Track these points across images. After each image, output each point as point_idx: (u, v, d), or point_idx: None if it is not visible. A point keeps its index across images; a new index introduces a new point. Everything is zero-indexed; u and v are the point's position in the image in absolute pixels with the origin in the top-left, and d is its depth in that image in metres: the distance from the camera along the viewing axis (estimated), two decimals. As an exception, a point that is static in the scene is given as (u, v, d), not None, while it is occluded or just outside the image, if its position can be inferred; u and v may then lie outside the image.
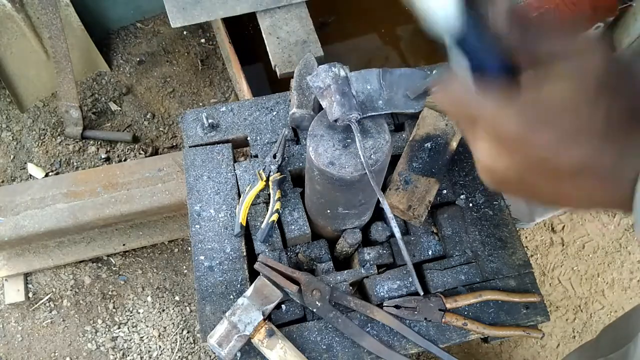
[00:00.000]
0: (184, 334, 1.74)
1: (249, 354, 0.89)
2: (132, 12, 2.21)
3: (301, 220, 0.98)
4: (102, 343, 1.71)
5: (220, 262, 0.96)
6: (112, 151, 2.00)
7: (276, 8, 1.51)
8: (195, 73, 2.17)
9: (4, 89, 1.97)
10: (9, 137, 2.01)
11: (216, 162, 1.05)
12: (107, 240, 1.74)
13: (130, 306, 1.77)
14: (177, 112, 2.09)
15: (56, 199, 1.54)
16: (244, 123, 1.09)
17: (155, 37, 2.24)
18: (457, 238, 1.00)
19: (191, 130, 1.09)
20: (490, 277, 0.97)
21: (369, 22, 2.06)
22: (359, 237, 0.95)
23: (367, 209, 0.93)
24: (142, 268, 1.82)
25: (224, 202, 1.01)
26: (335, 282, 0.94)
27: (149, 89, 2.14)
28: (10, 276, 1.73)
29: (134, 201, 1.55)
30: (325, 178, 0.77)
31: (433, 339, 0.91)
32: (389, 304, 0.92)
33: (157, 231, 1.77)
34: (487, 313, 0.94)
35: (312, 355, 0.89)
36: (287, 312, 0.92)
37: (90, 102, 2.08)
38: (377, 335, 0.91)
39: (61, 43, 1.81)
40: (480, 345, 1.75)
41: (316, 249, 1.00)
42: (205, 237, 0.98)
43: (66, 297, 1.76)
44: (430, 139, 1.03)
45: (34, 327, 1.73)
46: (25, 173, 1.95)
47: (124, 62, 2.18)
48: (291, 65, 1.42)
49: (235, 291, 0.93)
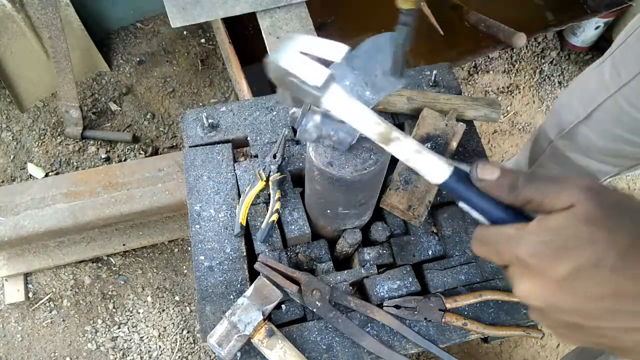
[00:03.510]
0: (184, 334, 1.74)
1: (249, 354, 0.89)
2: (132, 12, 2.21)
3: (301, 220, 0.98)
4: (102, 343, 1.71)
5: (220, 262, 0.96)
6: (112, 151, 2.00)
7: (276, 8, 1.51)
8: (195, 73, 2.17)
9: (4, 89, 1.97)
10: (9, 137, 2.01)
11: (216, 162, 1.05)
12: (107, 240, 1.74)
13: (130, 306, 1.77)
14: (177, 112, 2.09)
15: (56, 199, 1.54)
16: (244, 123, 1.09)
17: (155, 37, 2.24)
18: (457, 238, 1.00)
19: (191, 130, 1.09)
20: (490, 277, 0.97)
21: (369, 22, 2.06)
22: (359, 237, 0.95)
23: (367, 209, 0.93)
24: (142, 268, 1.82)
25: (224, 202, 1.01)
26: (335, 282, 0.94)
27: (149, 89, 2.14)
28: (10, 276, 1.73)
29: (134, 201, 1.55)
30: (325, 178, 0.77)
31: (433, 339, 0.91)
32: (389, 304, 0.92)
33: (157, 231, 1.77)
34: (487, 313, 0.94)
35: (312, 355, 0.89)
36: (287, 312, 0.92)
37: (90, 102, 2.08)
38: (377, 335, 0.91)
39: (61, 43, 1.81)
40: (480, 345, 1.75)
41: (316, 249, 1.00)
42: (205, 237, 0.98)
43: (66, 297, 1.76)
44: (430, 139, 1.03)
45: (34, 327, 1.73)
46: (25, 173, 1.95)
47: (124, 62, 2.18)
48: (291, 65, 1.42)
49: (235, 291, 0.93)
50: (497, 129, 2.15)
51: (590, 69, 1.20)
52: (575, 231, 0.41)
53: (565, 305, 0.42)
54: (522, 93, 2.22)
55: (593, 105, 1.14)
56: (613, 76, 1.07)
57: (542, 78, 2.25)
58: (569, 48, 2.28)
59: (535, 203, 0.45)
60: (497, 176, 0.46)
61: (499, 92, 2.21)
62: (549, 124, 1.33)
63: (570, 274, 0.41)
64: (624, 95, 1.05)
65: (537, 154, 1.40)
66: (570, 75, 2.26)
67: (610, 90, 1.08)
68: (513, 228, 0.45)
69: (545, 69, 2.26)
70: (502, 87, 2.22)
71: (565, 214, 0.42)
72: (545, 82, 2.25)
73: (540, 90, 2.23)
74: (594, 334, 0.43)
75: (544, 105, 2.21)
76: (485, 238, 0.47)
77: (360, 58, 0.72)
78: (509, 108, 2.19)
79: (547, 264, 0.42)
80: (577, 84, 1.24)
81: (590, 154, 1.23)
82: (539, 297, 0.43)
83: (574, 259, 0.41)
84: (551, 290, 0.42)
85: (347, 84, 0.71)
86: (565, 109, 1.25)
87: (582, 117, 1.17)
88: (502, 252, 0.45)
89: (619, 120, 1.10)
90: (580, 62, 2.28)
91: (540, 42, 2.30)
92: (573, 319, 0.43)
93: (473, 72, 2.24)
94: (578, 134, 1.22)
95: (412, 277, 0.95)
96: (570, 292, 0.42)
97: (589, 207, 0.41)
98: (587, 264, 0.40)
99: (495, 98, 2.16)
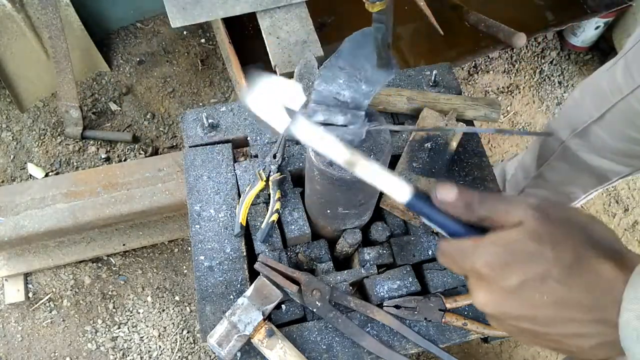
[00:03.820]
0: (184, 334, 1.74)
1: (249, 354, 0.89)
2: (132, 12, 2.21)
3: (301, 220, 0.98)
4: (102, 343, 1.71)
5: (220, 262, 0.96)
6: (112, 151, 2.00)
7: (276, 8, 1.51)
8: (195, 73, 2.17)
9: (4, 89, 1.97)
10: (9, 137, 2.01)
11: (216, 162, 1.05)
12: (107, 240, 1.74)
13: (130, 306, 1.77)
14: (177, 112, 2.09)
15: (56, 199, 1.54)
16: (244, 123, 1.09)
17: (155, 37, 2.24)
18: (457, 238, 0.99)
19: (191, 130, 1.09)
20: (490, 277, 0.97)
21: (369, 22, 2.05)
22: (359, 237, 0.95)
23: (367, 209, 0.93)
24: (142, 268, 1.82)
25: (224, 202, 1.01)
26: (335, 282, 0.94)
27: (149, 89, 2.14)
28: (10, 276, 1.73)
29: (134, 201, 1.55)
30: (325, 178, 0.77)
31: (433, 339, 0.91)
32: (389, 304, 0.92)
33: (157, 231, 1.77)
34: (487, 313, 0.94)
35: (312, 355, 0.89)
36: (287, 312, 0.92)
37: (90, 102, 2.08)
38: (377, 335, 0.91)
39: (61, 43, 1.81)
40: (480, 345, 1.75)
41: (316, 249, 1.00)
42: (205, 237, 0.98)
43: (66, 297, 1.76)
44: (430, 139, 1.03)
45: (34, 327, 1.73)
46: (25, 173, 1.95)
47: (124, 62, 2.18)
48: (291, 65, 1.42)
49: (235, 291, 0.93)
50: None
51: (602, 70, 1.20)
52: (524, 246, 0.45)
53: (516, 312, 0.47)
54: (522, 93, 2.22)
55: (606, 107, 1.14)
56: (626, 78, 1.08)
57: (542, 78, 2.25)
58: (569, 48, 2.28)
59: (489, 220, 0.49)
60: (455, 197, 0.50)
61: (499, 92, 2.21)
62: (559, 124, 1.33)
63: (519, 285, 0.45)
64: (636, 97, 1.06)
65: (547, 155, 1.40)
66: (570, 75, 2.26)
67: (623, 92, 1.09)
68: (470, 241, 0.49)
69: (545, 69, 2.26)
70: (502, 87, 2.22)
71: (515, 230, 0.46)
72: (545, 82, 2.25)
73: (540, 90, 2.23)
74: (544, 339, 0.48)
75: (544, 105, 2.21)
76: (446, 250, 0.51)
77: (344, 59, 0.74)
78: (509, 108, 2.19)
79: (498, 274, 0.46)
80: (588, 85, 1.24)
81: (602, 154, 1.23)
82: (492, 305, 0.48)
83: (522, 271, 0.45)
84: (502, 298, 0.46)
85: (341, 82, 0.73)
86: (577, 110, 1.26)
87: (596, 117, 1.18)
88: (460, 264, 0.50)
89: (631, 122, 1.10)
90: (580, 62, 2.28)
91: (540, 42, 2.30)
92: (524, 325, 0.47)
93: (473, 72, 2.24)
94: (591, 134, 1.22)
95: (412, 277, 0.95)
96: (518, 301, 0.46)
97: (536, 224, 0.46)
98: (534, 276, 0.45)
99: (495, 98, 2.16)
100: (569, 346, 0.47)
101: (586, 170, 1.31)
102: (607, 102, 1.14)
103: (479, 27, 1.92)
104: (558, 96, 2.22)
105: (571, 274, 0.44)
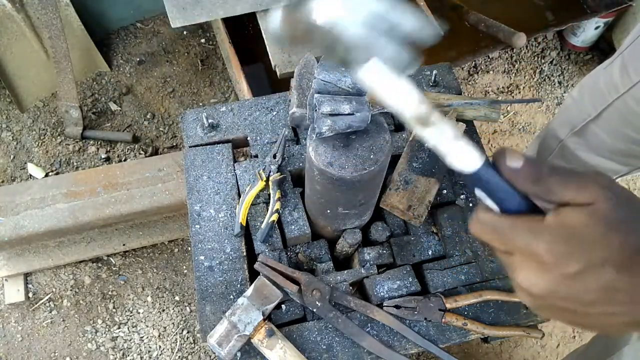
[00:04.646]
0: (184, 334, 1.74)
1: (249, 354, 0.89)
2: (132, 12, 2.21)
3: (301, 220, 0.98)
4: (102, 343, 1.71)
5: (220, 262, 0.96)
6: (112, 151, 2.00)
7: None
8: (195, 73, 2.17)
9: (4, 89, 1.97)
10: (9, 137, 2.01)
11: (216, 162, 1.05)
12: (107, 240, 1.74)
13: (130, 306, 1.77)
14: (177, 112, 2.09)
15: (56, 199, 1.54)
16: (244, 123, 1.09)
17: (155, 37, 2.24)
18: (457, 238, 0.99)
19: (191, 130, 1.09)
20: (490, 277, 0.97)
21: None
22: (359, 237, 0.95)
23: (367, 209, 0.93)
24: (142, 268, 1.82)
25: (224, 202, 1.01)
26: (335, 282, 0.94)
27: (149, 89, 2.14)
28: (10, 276, 1.73)
29: (134, 201, 1.55)
30: (325, 178, 0.77)
31: (433, 339, 0.91)
32: (389, 304, 0.92)
33: (157, 231, 1.77)
34: (487, 313, 0.94)
35: (312, 355, 0.89)
36: (287, 312, 0.92)
37: (90, 102, 2.08)
38: (377, 335, 0.91)
39: (61, 43, 1.81)
40: (480, 345, 1.75)
41: (316, 249, 1.00)
42: (205, 237, 0.98)
43: (66, 297, 1.76)
44: (430, 139, 1.02)
45: (34, 327, 1.73)
46: (25, 173, 1.95)
47: (124, 62, 2.18)
48: (291, 65, 1.42)
49: (235, 291, 0.93)
50: (497, 129, 2.15)
51: (600, 68, 1.20)
52: (593, 231, 0.42)
53: (564, 294, 0.44)
54: (522, 93, 2.22)
55: (603, 105, 1.14)
56: (623, 76, 1.08)
57: (542, 78, 2.25)
58: (569, 48, 2.28)
59: (556, 195, 0.45)
60: (522, 165, 0.46)
61: (499, 92, 2.21)
62: (557, 123, 1.33)
63: (579, 271, 0.43)
64: (633, 96, 1.06)
65: (545, 154, 1.41)
66: (570, 75, 2.26)
67: (619, 91, 1.09)
68: (530, 221, 0.46)
69: (545, 69, 2.26)
70: (502, 87, 2.22)
71: (585, 211, 0.43)
72: (545, 82, 2.25)
73: (540, 90, 2.23)
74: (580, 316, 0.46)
75: (544, 105, 2.21)
76: (495, 225, 0.48)
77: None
78: (509, 108, 2.19)
79: (559, 261, 0.43)
80: (587, 84, 1.24)
81: (600, 152, 1.23)
82: (541, 287, 0.45)
83: (586, 258, 0.42)
84: (556, 282, 0.44)
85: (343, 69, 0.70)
86: (575, 108, 1.26)
87: (593, 115, 1.18)
88: (511, 242, 0.46)
89: (628, 120, 1.10)
90: (580, 62, 2.28)
91: (540, 42, 2.30)
92: (567, 304, 0.45)
93: (473, 72, 2.24)
94: (589, 133, 1.22)
95: (412, 277, 0.95)
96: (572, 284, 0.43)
97: (608, 208, 0.42)
98: (597, 263, 0.42)
99: (495, 98, 2.16)
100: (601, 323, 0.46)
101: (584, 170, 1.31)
102: (604, 100, 1.14)
103: (479, 27, 1.92)
104: (558, 96, 2.22)
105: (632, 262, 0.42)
